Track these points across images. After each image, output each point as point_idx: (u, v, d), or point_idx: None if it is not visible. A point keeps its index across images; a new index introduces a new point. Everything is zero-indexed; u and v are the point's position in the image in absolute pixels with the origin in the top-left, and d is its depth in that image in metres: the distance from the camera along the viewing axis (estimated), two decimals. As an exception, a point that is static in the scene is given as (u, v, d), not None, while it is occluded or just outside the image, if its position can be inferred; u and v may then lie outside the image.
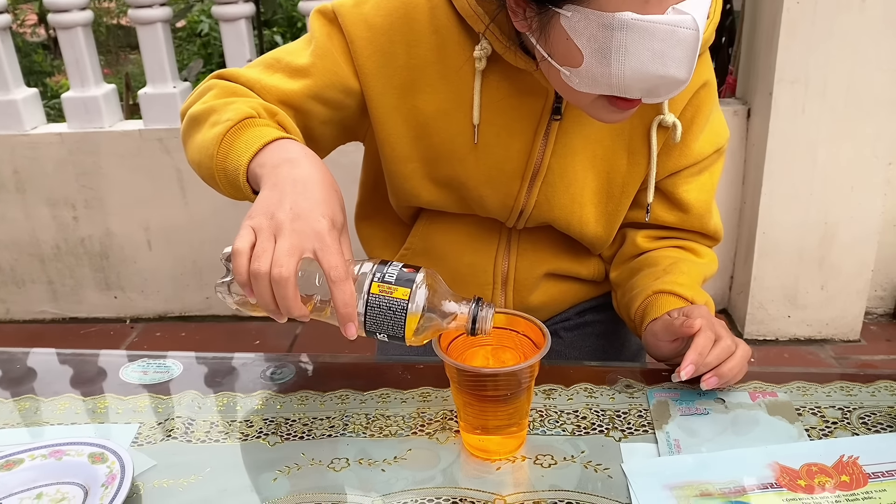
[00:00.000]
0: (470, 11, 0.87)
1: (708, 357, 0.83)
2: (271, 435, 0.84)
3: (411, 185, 0.98)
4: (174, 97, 2.29)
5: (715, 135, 0.99)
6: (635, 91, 0.75)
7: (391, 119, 0.93)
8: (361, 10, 0.90)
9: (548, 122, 0.92)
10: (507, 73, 0.90)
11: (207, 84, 0.93)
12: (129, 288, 2.53)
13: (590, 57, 0.73)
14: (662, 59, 0.71)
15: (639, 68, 0.72)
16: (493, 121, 0.92)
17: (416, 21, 0.89)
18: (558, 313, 1.16)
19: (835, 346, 2.28)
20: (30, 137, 2.35)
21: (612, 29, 0.70)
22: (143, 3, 2.21)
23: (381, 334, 0.73)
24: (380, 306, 0.71)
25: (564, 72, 0.77)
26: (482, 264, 1.06)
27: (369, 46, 0.90)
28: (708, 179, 1.02)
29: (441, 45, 0.89)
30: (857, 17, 1.92)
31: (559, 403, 0.87)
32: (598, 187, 0.98)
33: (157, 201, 2.39)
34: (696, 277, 1.01)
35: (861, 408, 0.85)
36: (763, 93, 2.08)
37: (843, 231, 2.16)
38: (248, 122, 0.82)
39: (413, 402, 0.88)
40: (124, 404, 0.91)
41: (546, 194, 0.96)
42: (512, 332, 0.81)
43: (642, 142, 0.96)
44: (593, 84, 0.75)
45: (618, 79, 0.73)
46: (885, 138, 2.04)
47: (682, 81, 0.74)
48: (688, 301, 0.96)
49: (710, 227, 1.05)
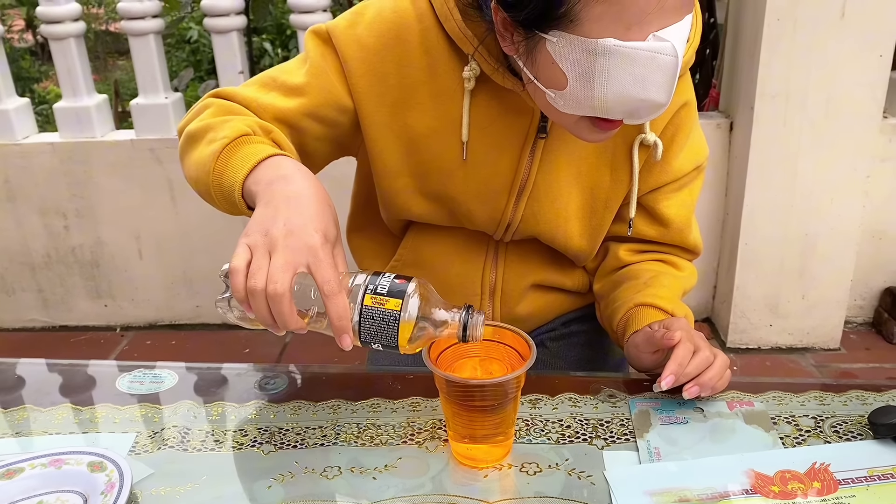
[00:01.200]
0: (459, 34, 0.90)
1: (688, 367, 0.87)
2: (265, 444, 0.86)
3: (402, 200, 1.01)
4: (166, 108, 2.31)
5: (694, 152, 1.03)
6: (617, 113, 0.79)
7: (383, 136, 0.96)
8: (355, 31, 0.93)
9: (534, 140, 0.96)
10: (495, 93, 0.93)
11: (204, 102, 0.95)
12: (120, 296, 2.54)
13: (574, 80, 0.76)
14: (643, 83, 0.74)
15: (621, 92, 0.75)
16: (481, 138, 0.95)
17: (407, 42, 0.92)
18: (544, 323, 1.19)
19: (815, 354, 2.32)
20: (21, 147, 2.36)
21: (596, 54, 0.73)
22: (136, 14, 2.23)
23: (376, 344, 0.76)
24: (373, 317, 0.74)
25: (550, 94, 0.80)
26: (470, 275, 1.09)
27: (362, 66, 0.92)
28: (688, 195, 1.05)
29: (431, 65, 0.93)
30: (836, 34, 1.96)
31: (544, 413, 0.90)
32: (583, 202, 1.01)
33: (148, 211, 2.41)
34: (677, 290, 1.04)
35: (833, 416, 0.89)
36: (745, 107, 2.13)
37: (823, 242, 2.20)
38: (243, 139, 0.84)
39: (403, 411, 0.91)
40: (120, 414, 0.93)
41: (532, 209, 1.00)
42: (499, 344, 0.84)
43: (625, 159, 0.99)
44: (577, 106, 0.79)
45: (601, 101, 0.76)
46: (864, 151, 2.09)
47: (661, 105, 0.78)
48: (668, 313, 0.99)
49: (689, 241, 1.08)
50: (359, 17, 0.94)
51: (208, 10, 2.22)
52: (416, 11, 0.92)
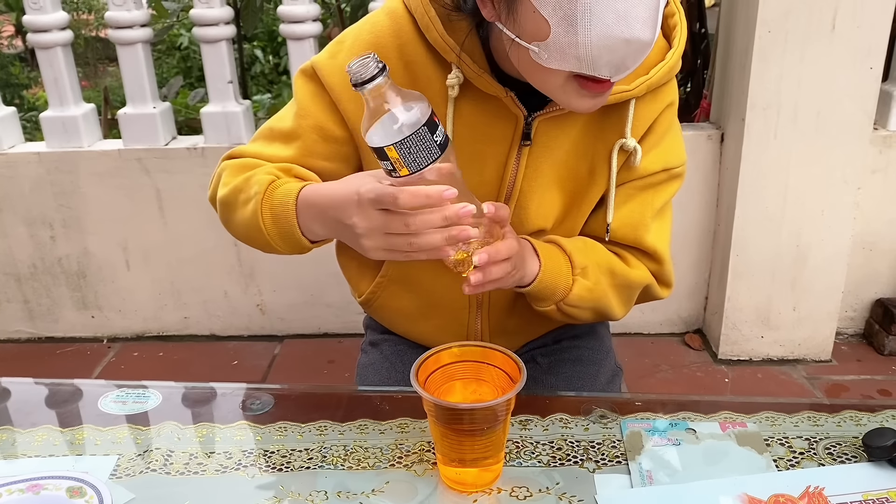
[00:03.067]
0: (442, 43, 0.91)
1: (501, 249, 0.84)
2: (250, 467, 0.85)
3: None
4: (154, 117, 2.29)
5: (665, 154, 1.00)
6: (603, 64, 0.77)
7: None
8: (336, 60, 0.96)
9: (518, 148, 0.96)
10: (479, 101, 0.93)
11: (220, 168, 1.01)
12: (107, 307, 2.52)
13: (557, 26, 0.75)
14: (626, 19, 0.74)
15: (605, 32, 0.74)
16: (466, 148, 0.95)
17: (386, 59, 0.92)
18: (535, 338, 1.18)
19: (807, 366, 2.31)
20: (7, 156, 2.33)
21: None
22: (123, 23, 2.21)
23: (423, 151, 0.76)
24: (410, 146, 0.76)
25: (533, 49, 0.79)
26: (458, 289, 1.07)
27: (347, 91, 0.93)
28: (650, 196, 1.01)
29: (413, 79, 0.94)
30: (827, 46, 1.96)
31: (535, 434, 0.89)
32: (563, 205, 1.01)
33: (135, 221, 2.39)
34: (597, 254, 1.00)
35: (827, 438, 0.88)
36: (736, 118, 2.13)
37: (814, 253, 2.20)
38: (272, 186, 0.91)
39: (391, 433, 0.90)
40: (103, 435, 0.91)
41: (519, 216, 1.00)
42: (489, 366, 0.83)
43: (603, 162, 0.99)
44: (563, 57, 0.78)
45: (585, 48, 0.75)
46: (855, 163, 2.09)
47: (647, 44, 0.76)
48: (565, 254, 0.96)
49: (645, 242, 1.02)
50: (340, 46, 0.97)
51: (197, 19, 2.20)
52: (393, 27, 0.94)
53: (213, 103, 2.30)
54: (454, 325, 1.09)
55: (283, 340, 2.50)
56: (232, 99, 2.29)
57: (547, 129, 0.95)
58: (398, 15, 0.94)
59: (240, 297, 2.48)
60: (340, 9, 3.28)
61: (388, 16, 0.95)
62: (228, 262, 2.42)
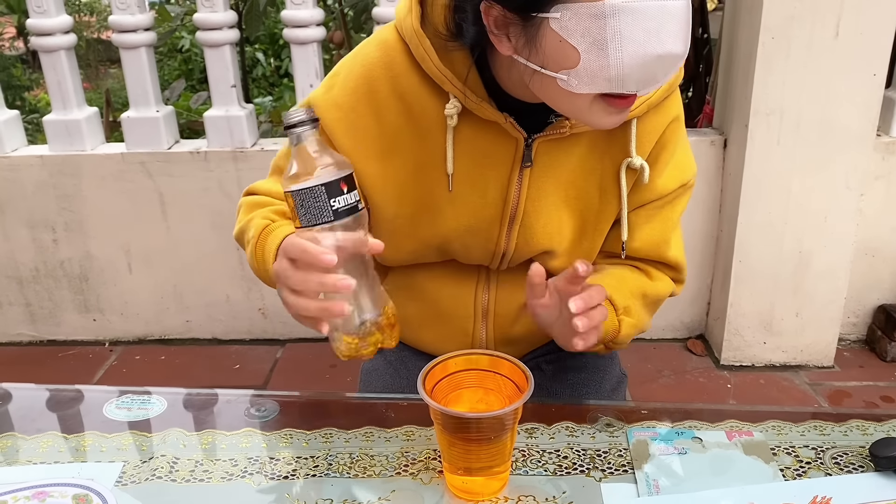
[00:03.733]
0: (439, 75, 0.89)
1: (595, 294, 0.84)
2: (256, 475, 0.85)
3: (397, 241, 1.00)
4: (157, 121, 2.29)
5: (680, 170, 1.00)
6: (634, 80, 0.76)
7: (377, 185, 0.97)
8: (331, 95, 0.95)
9: (520, 169, 0.95)
10: (478, 126, 0.92)
11: (239, 203, 1.04)
12: (109, 311, 2.52)
13: (586, 52, 0.74)
14: (658, 35, 0.73)
15: (636, 51, 0.73)
16: (467, 171, 0.95)
17: (378, 92, 0.92)
18: (540, 346, 1.18)
19: (809, 372, 2.31)
20: (10, 159, 2.33)
21: (605, 17, 0.71)
22: (127, 27, 2.22)
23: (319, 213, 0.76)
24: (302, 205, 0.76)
25: (561, 77, 0.77)
26: (463, 298, 1.08)
27: (342, 125, 0.94)
28: (669, 212, 1.03)
29: (407, 109, 0.93)
30: (830, 53, 1.97)
31: (541, 443, 0.89)
32: (574, 224, 1.01)
33: (138, 224, 2.39)
34: (629, 285, 1.01)
35: (834, 447, 0.88)
36: (739, 124, 2.13)
37: (817, 259, 2.20)
38: (264, 232, 0.92)
39: (397, 440, 0.89)
40: (108, 442, 0.91)
41: (524, 237, 0.99)
42: (496, 375, 0.83)
43: (613, 182, 0.98)
44: (593, 81, 0.76)
45: (617, 69, 0.74)
46: (858, 170, 2.09)
47: (679, 56, 0.75)
48: (606, 297, 0.94)
49: (668, 256, 1.04)
50: (334, 80, 0.96)
51: (200, 23, 2.20)
52: (386, 59, 0.92)
53: (217, 107, 2.30)
54: (459, 334, 1.09)
55: (284, 344, 2.50)
56: (235, 103, 2.29)
57: (548, 150, 0.94)
58: (390, 46, 0.92)
59: (242, 301, 2.48)
60: (343, 13, 3.28)
61: (380, 47, 0.93)
62: (230, 266, 2.42)
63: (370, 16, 2.36)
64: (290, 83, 4.78)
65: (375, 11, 2.18)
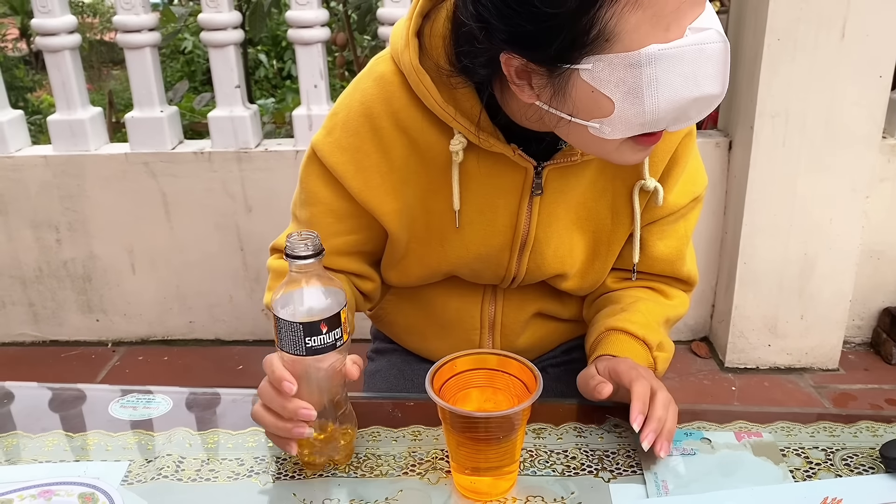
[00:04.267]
0: (442, 111, 0.86)
1: (656, 411, 0.83)
2: (262, 474, 0.84)
3: (406, 264, 1.00)
4: (161, 121, 2.29)
5: (691, 184, 1.00)
6: (667, 121, 0.73)
7: (395, 219, 0.95)
8: (333, 138, 0.92)
9: (530, 197, 0.93)
10: (485, 156, 0.90)
11: (267, 266, 1.03)
12: (112, 311, 2.51)
13: (621, 101, 0.71)
14: (695, 79, 0.70)
15: (672, 96, 0.70)
16: (475, 200, 0.93)
17: (381, 129, 0.90)
18: (545, 353, 1.17)
19: (814, 374, 2.31)
20: (14, 160, 2.33)
21: (640, 66, 0.68)
22: (132, 27, 2.22)
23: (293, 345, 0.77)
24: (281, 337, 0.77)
25: (593, 125, 0.74)
26: (469, 310, 1.07)
27: (350, 168, 0.92)
28: (682, 227, 1.02)
29: (412, 141, 0.90)
30: (836, 55, 1.96)
31: (549, 443, 0.88)
32: (586, 246, 1.00)
33: (141, 225, 2.38)
34: (656, 317, 1.01)
35: (844, 449, 0.87)
36: (745, 126, 2.12)
37: (822, 262, 2.20)
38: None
39: (404, 440, 0.89)
40: (113, 441, 0.90)
41: (536, 261, 0.98)
42: (504, 374, 0.82)
43: (625, 203, 0.97)
44: (626, 127, 0.73)
45: (652, 114, 0.71)
46: (863, 172, 2.09)
47: (717, 97, 0.73)
48: (639, 339, 0.97)
49: (682, 272, 1.05)
50: (334, 121, 0.93)
51: (205, 24, 2.20)
52: (384, 94, 0.89)
53: (221, 107, 2.30)
54: (465, 345, 1.08)
55: (288, 345, 2.50)
56: (240, 103, 2.29)
57: (558, 177, 0.92)
58: (387, 80, 0.88)
59: (245, 302, 2.48)
60: (347, 15, 3.28)
61: (377, 82, 0.89)
62: (234, 267, 2.42)
63: (374, 17, 2.36)
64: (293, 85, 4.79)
65: (380, 12, 2.18)
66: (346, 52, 3.49)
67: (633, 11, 0.67)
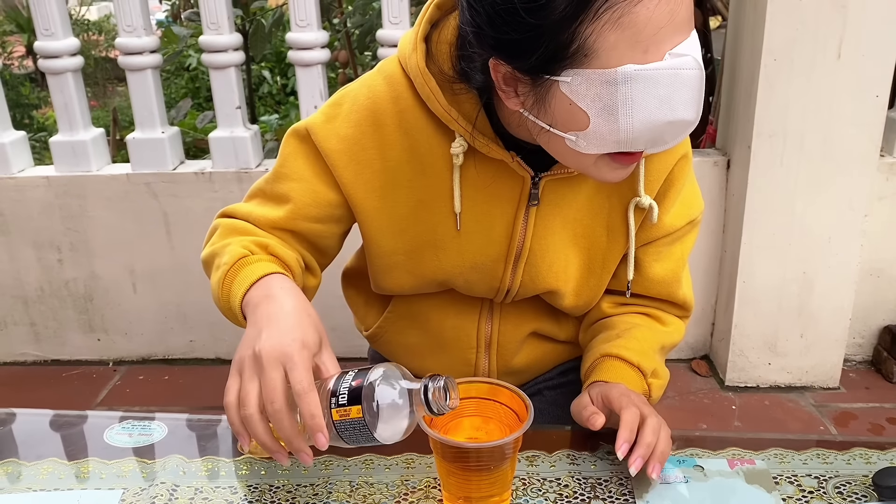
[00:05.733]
0: (445, 114, 0.88)
1: (645, 437, 0.83)
2: (255, 502, 0.84)
3: (396, 276, 1.00)
4: (163, 142, 2.31)
5: (687, 207, 1.00)
6: (643, 141, 0.75)
7: (376, 220, 0.95)
8: (333, 125, 0.93)
9: (526, 207, 0.94)
10: (484, 163, 0.91)
11: (214, 224, 1.00)
12: (113, 330, 2.52)
13: (596, 116, 0.72)
14: (670, 103, 0.71)
15: (646, 118, 0.71)
16: (472, 208, 0.94)
17: (385, 126, 0.91)
18: (541, 374, 1.17)
19: (815, 393, 2.30)
20: (16, 180, 2.35)
21: (616, 84, 0.70)
22: (133, 49, 2.24)
23: (363, 444, 0.75)
24: (346, 429, 0.73)
25: (570, 137, 0.76)
26: (465, 328, 1.08)
27: (344, 157, 0.92)
28: (678, 250, 1.03)
29: (412, 145, 0.91)
30: (833, 74, 1.97)
31: (542, 471, 0.88)
32: (581, 263, 1.00)
33: (142, 245, 2.40)
34: (651, 344, 1.02)
35: (837, 476, 0.87)
36: (742, 145, 2.13)
37: (821, 280, 2.20)
38: (240, 262, 0.88)
39: (397, 468, 0.89)
40: (108, 469, 0.91)
41: (530, 274, 0.98)
42: (495, 403, 0.83)
43: (621, 220, 0.97)
44: (601, 143, 0.75)
45: (626, 133, 0.72)
46: (861, 191, 2.09)
47: (690, 123, 0.74)
48: (633, 365, 0.97)
49: (678, 296, 1.05)
50: (336, 110, 0.93)
51: (206, 45, 2.22)
52: (392, 93, 0.91)
53: (222, 128, 2.31)
54: (461, 364, 1.09)
55: (288, 364, 2.50)
56: (240, 124, 2.31)
57: (555, 188, 0.94)
58: (395, 80, 0.91)
59: (245, 321, 2.48)
60: (349, 34, 3.30)
61: (386, 80, 0.91)
62: (235, 286, 2.42)
63: (374, 38, 2.38)
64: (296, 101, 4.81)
65: (379, 34, 2.20)
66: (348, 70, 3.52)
67: (612, 30, 0.68)
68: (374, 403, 0.72)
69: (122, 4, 2.20)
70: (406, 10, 2.14)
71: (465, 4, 0.77)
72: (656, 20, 0.68)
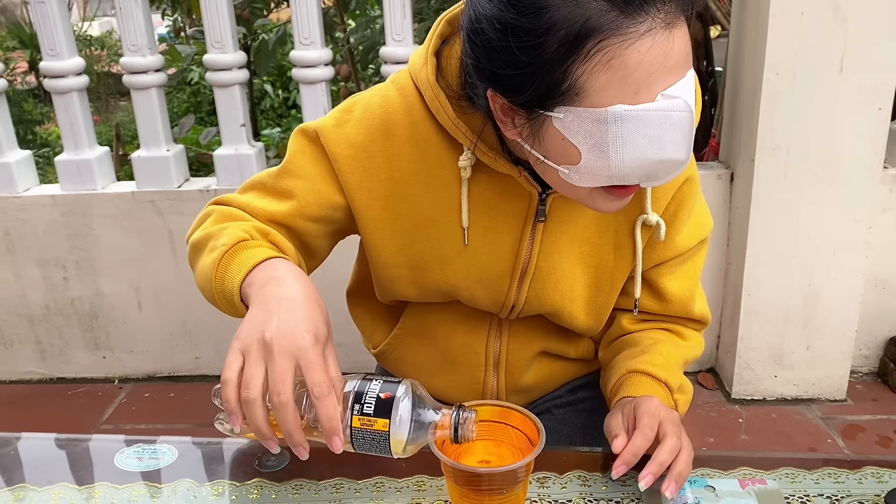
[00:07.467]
0: (454, 127, 0.89)
1: (660, 455, 0.83)
2: (267, 527, 0.84)
3: (399, 287, 1.00)
4: (167, 160, 2.32)
5: (698, 226, 1.01)
6: (635, 177, 0.76)
7: (378, 230, 0.96)
8: (343, 130, 0.93)
9: (533, 224, 0.94)
10: (491, 178, 0.92)
11: (206, 210, 0.98)
12: (119, 348, 2.52)
13: (587, 153, 0.74)
14: (660, 143, 0.72)
15: (637, 156, 0.72)
16: (479, 223, 0.94)
17: (395, 136, 0.91)
18: (550, 392, 1.17)
19: (821, 405, 2.29)
20: (22, 199, 2.36)
21: (607, 123, 0.71)
22: (138, 69, 2.25)
23: (371, 453, 0.75)
24: (364, 437, 0.73)
25: (563, 170, 0.77)
26: (474, 346, 1.08)
27: (351, 163, 0.92)
28: (691, 268, 1.04)
29: (422, 157, 0.92)
30: (835, 87, 1.98)
31: (553, 492, 0.88)
32: (588, 281, 1.00)
33: (148, 262, 2.40)
34: (675, 359, 1.02)
35: (849, 496, 0.87)
36: (745, 158, 2.13)
37: (826, 292, 2.19)
38: (241, 244, 0.86)
39: (408, 491, 0.89)
40: (119, 493, 0.91)
41: (536, 291, 0.98)
42: (507, 426, 0.83)
43: (628, 238, 0.98)
44: (593, 178, 0.76)
45: (617, 169, 0.73)
46: (865, 203, 2.09)
47: (681, 163, 0.75)
48: (661, 381, 0.97)
49: (694, 312, 1.06)
50: (347, 115, 0.94)
51: (210, 64, 2.23)
52: (405, 104, 0.91)
53: (226, 146, 2.32)
54: (469, 382, 1.09)
55: (293, 381, 2.50)
56: (245, 142, 2.31)
57: (562, 205, 0.94)
58: (408, 92, 0.91)
59: (251, 338, 2.48)
60: (351, 51, 3.32)
61: (399, 92, 0.92)
62: (240, 303, 2.43)
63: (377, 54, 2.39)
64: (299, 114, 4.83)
65: (383, 51, 2.21)
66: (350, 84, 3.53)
67: (602, 72, 0.69)
68: (409, 423, 0.73)
69: (127, 23, 2.21)
70: (409, 28, 2.15)
71: (466, 37, 0.78)
72: (648, 63, 0.69)
